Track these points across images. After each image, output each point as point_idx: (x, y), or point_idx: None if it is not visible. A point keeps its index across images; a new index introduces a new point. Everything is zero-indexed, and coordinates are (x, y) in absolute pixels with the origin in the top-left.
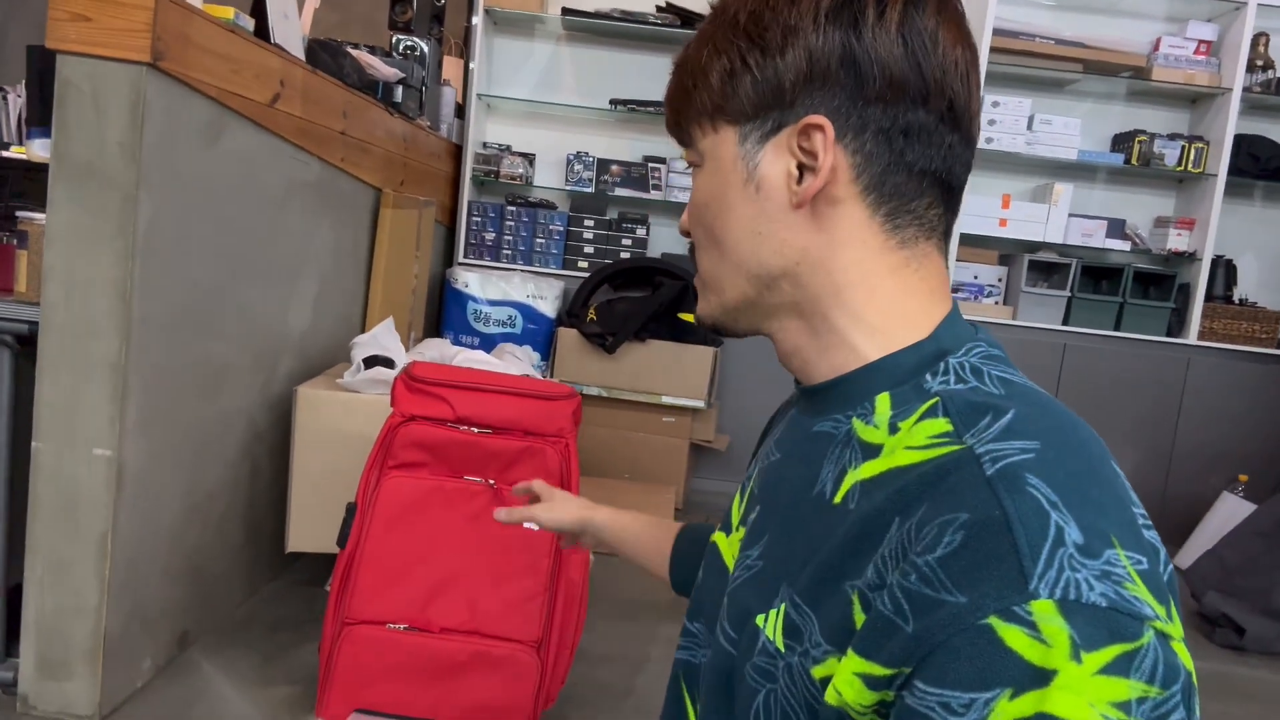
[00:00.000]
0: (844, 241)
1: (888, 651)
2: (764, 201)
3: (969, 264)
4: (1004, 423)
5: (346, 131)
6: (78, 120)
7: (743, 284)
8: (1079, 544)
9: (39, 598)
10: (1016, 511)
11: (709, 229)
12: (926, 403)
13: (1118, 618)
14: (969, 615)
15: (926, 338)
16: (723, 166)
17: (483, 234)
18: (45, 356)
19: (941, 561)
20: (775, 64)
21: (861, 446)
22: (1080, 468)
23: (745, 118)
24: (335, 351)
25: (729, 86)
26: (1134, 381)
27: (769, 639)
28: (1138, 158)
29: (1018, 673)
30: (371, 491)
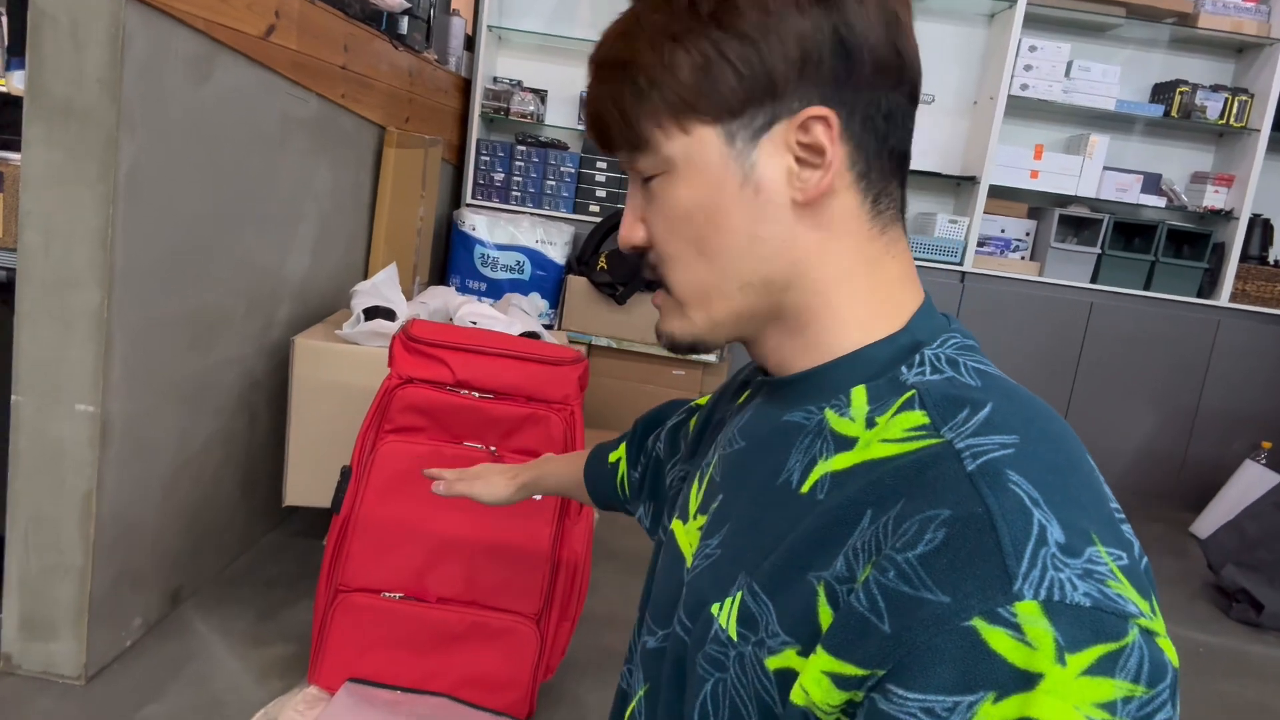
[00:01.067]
0: (839, 234)
1: (862, 651)
2: (764, 204)
3: (996, 216)
4: (982, 416)
5: (347, 65)
6: (54, 54)
7: (736, 295)
8: (1061, 543)
9: (22, 556)
10: (999, 509)
11: (696, 240)
12: (903, 395)
13: (1102, 617)
14: (953, 616)
15: (901, 329)
16: (709, 170)
17: (491, 174)
18: (23, 307)
19: (922, 559)
20: (760, 53)
21: (834, 438)
22: (1059, 463)
23: (729, 114)
24: (336, 297)
25: (704, 81)
26: (1161, 343)
27: (722, 627)
28: (1178, 109)
29: (1002, 676)
30: (367, 456)
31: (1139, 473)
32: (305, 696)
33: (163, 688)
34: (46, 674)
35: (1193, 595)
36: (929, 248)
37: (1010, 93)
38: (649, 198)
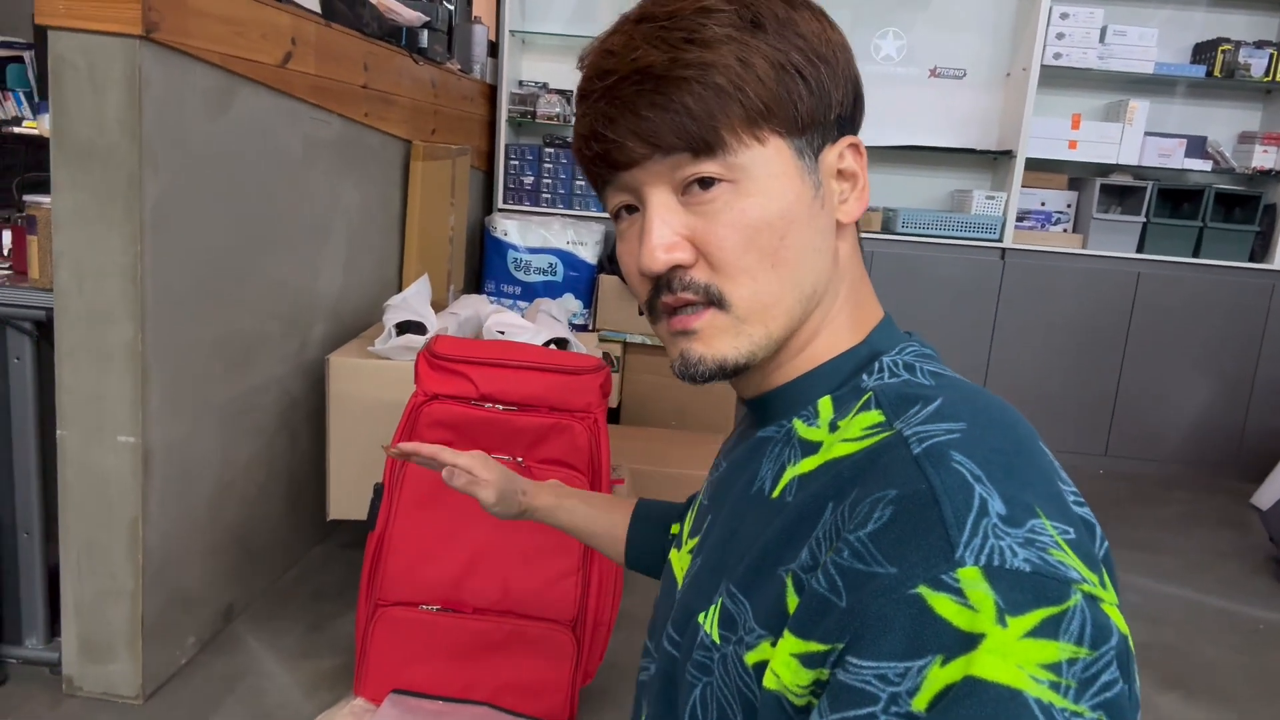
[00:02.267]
0: (850, 254)
1: (823, 628)
2: (825, 219)
3: (1035, 190)
4: (932, 408)
5: (369, 85)
6: (75, 99)
7: (795, 308)
8: (1002, 514)
9: (76, 583)
10: (942, 485)
11: (773, 251)
12: (862, 398)
13: (1042, 581)
14: (900, 585)
15: (861, 342)
16: (789, 181)
17: (521, 178)
18: (62, 344)
19: (872, 536)
20: (821, 73)
21: (801, 444)
22: (1004, 446)
23: (798, 129)
24: (371, 312)
25: (781, 89)
26: (1213, 311)
27: (706, 633)
28: (1221, 69)
29: (948, 639)
30: (398, 473)
31: (1196, 444)
32: (352, 708)
33: (218, 704)
34: (106, 695)
35: (1254, 570)
36: (966, 225)
37: (1043, 63)
38: (700, 211)
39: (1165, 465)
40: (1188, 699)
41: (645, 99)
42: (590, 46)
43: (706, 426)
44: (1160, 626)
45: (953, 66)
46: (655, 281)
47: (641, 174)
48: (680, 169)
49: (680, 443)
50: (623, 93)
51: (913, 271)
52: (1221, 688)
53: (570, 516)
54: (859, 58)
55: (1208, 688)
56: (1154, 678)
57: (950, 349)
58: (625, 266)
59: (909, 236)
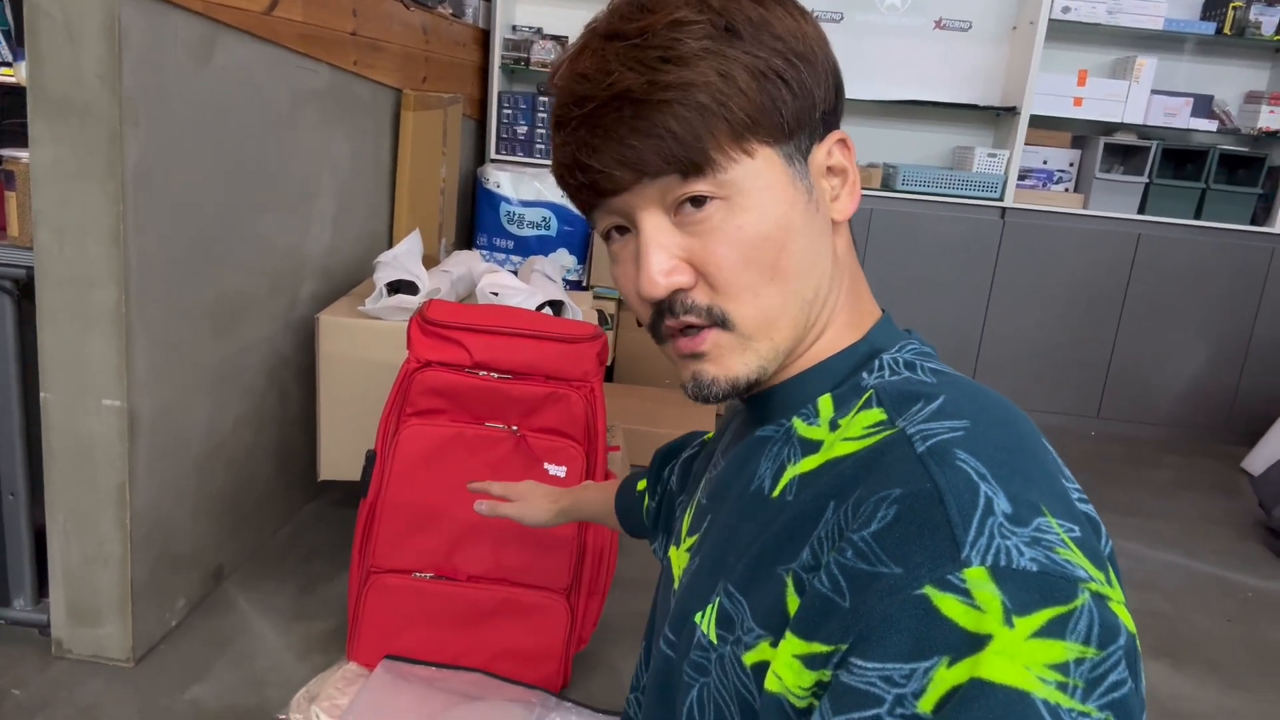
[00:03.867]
0: (845, 251)
1: (826, 629)
2: (820, 221)
3: (1038, 147)
4: (934, 406)
5: (357, 31)
6: (51, 51)
7: (799, 317)
8: (1008, 513)
9: (64, 548)
10: (947, 483)
11: (772, 264)
12: (863, 397)
13: (1050, 580)
14: (905, 586)
15: (860, 340)
16: (780, 191)
17: (514, 127)
18: (44, 306)
19: (876, 535)
20: (802, 74)
21: (801, 443)
22: (1008, 443)
23: (786, 135)
24: (361, 268)
25: (765, 99)
26: (1212, 274)
27: (704, 633)
28: (1231, 26)
29: (954, 640)
30: (390, 439)
31: (1189, 408)
32: (345, 673)
33: (208, 667)
34: (96, 657)
35: (1243, 536)
36: (967, 183)
37: (1051, 16)
38: (694, 231)
39: (1158, 428)
40: (1176, 667)
41: (627, 125)
42: (559, 68)
43: None
44: (1150, 593)
45: (958, 18)
46: (657, 305)
47: (631, 198)
48: (670, 191)
49: (673, 403)
50: (603, 120)
51: (911, 229)
52: (1210, 656)
53: (586, 506)
54: (862, 7)
55: (1196, 656)
56: (1144, 646)
57: (947, 308)
58: (623, 289)
59: (908, 194)
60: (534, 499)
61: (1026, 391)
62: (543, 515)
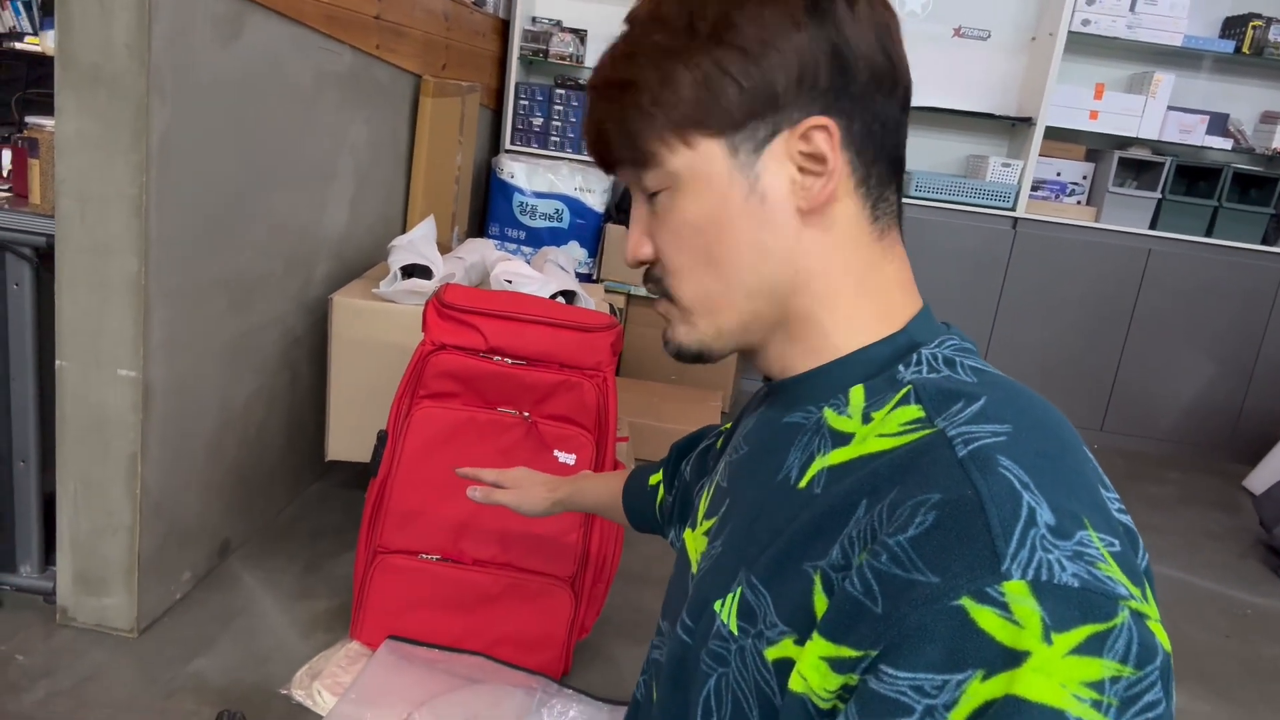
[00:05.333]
0: (841, 240)
1: (857, 633)
2: (770, 213)
3: (1052, 159)
4: (976, 408)
5: (381, 15)
6: (81, 21)
7: (743, 304)
8: (1051, 525)
9: (73, 517)
10: (989, 492)
11: (705, 251)
12: (900, 392)
13: (1091, 597)
14: (942, 596)
15: (899, 330)
16: (715, 182)
17: (530, 118)
18: (63, 275)
19: (913, 541)
20: (760, 67)
21: (832, 434)
22: (1052, 450)
23: (732, 127)
24: (375, 252)
25: (706, 97)
26: (1221, 292)
27: (724, 623)
28: (1250, 45)
29: (990, 654)
30: (402, 420)
31: (1193, 424)
32: (347, 652)
33: (212, 641)
34: (100, 627)
35: (1243, 554)
36: (980, 192)
37: (1071, 29)
38: (654, 213)
39: (1161, 444)
40: None
41: (595, 114)
42: None
43: (706, 383)
44: None
45: (978, 27)
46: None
47: (622, 175)
48: (634, 179)
49: (679, 398)
50: (593, 104)
51: (922, 236)
52: (1207, 672)
53: (584, 497)
54: None
55: (1193, 671)
56: None
57: (955, 316)
58: None
59: (921, 200)
60: (529, 487)
61: None
62: (538, 505)
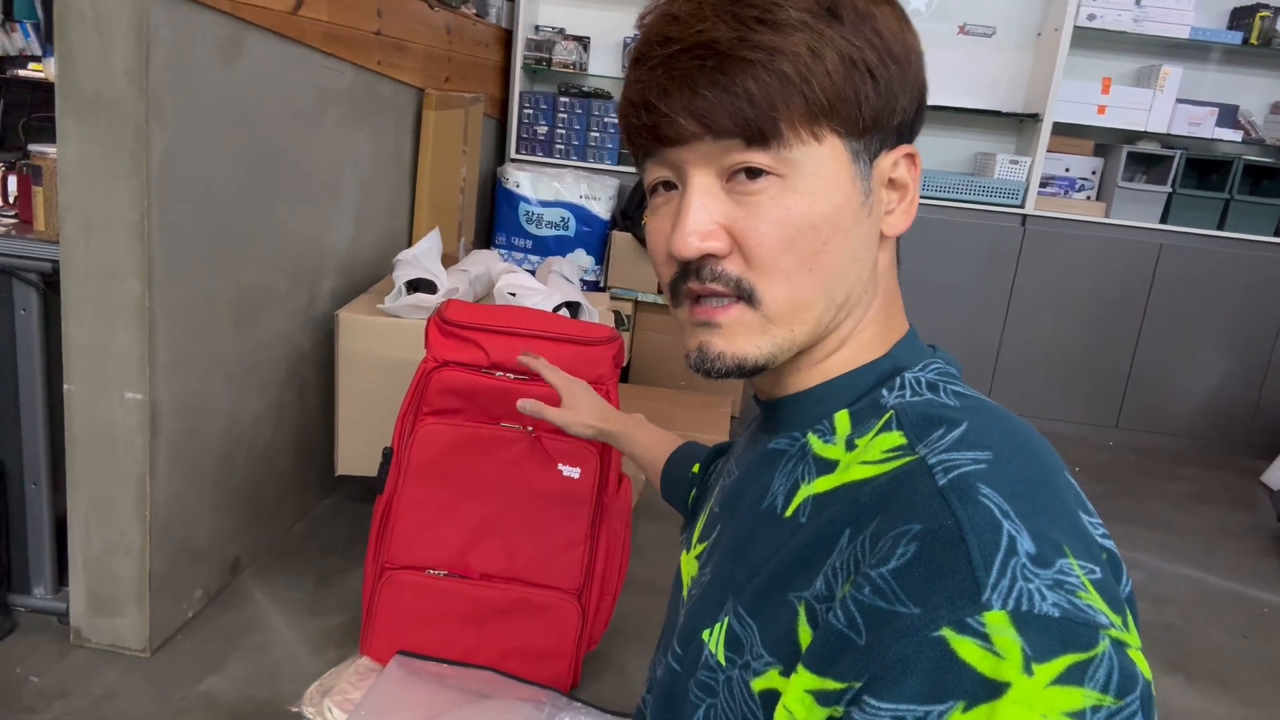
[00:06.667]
0: (889, 265)
1: (840, 666)
2: (871, 225)
3: (1060, 155)
4: (957, 434)
5: (382, 31)
6: (81, 48)
7: (823, 315)
8: (1031, 553)
9: (84, 538)
10: (969, 521)
11: (812, 254)
12: (882, 418)
13: (1071, 627)
14: (923, 627)
15: (884, 355)
16: (839, 183)
17: (534, 127)
18: (69, 299)
19: (895, 574)
20: (892, 74)
21: (816, 462)
22: (1033, 477)
23: (858, 131)
24: (380, 265)
25: (848, 87)
26: (1234, 285)
27: (711, 652)
28: (1258, 36)
29: (971, 685)
30: (407, 438)
31: (1208, 420)
32: (358, 668)
33: (224, 659)
34: (114, 647)
35: (1261, 551)
36: (988, 190)
37: (1076, 23)
38: (742, 201)
39: (1176, 440)
40: (1189, 682)
41: (705, 75)
42: (652, 6)
43: (715, 389)
44: (1164, 607)
45: (982, 24)
46: (683, 266)
47: (688, 153)
48: (729, 154)
49: (688, 404)
50: (682, 65)
51: (932, 235)
52: (1224, 672)
53: (630, 444)
54: None
55: (1210, 671)
56: (1157, 660)
57: (966, 314)
58: (653, 244)
59: (930, 199)
60: (582, 409)
61: (1044, 400)
62: (583, 430)
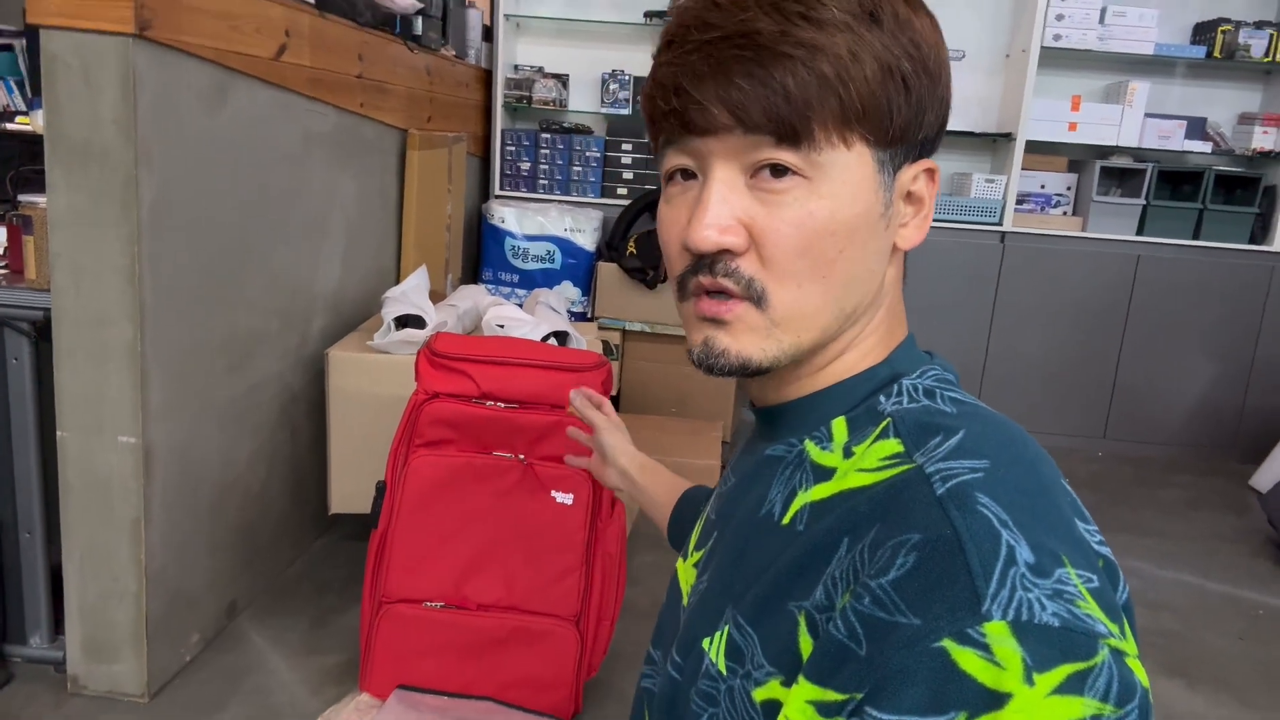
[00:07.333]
0: (895, 278)
1: (841, 676)
2: (887, 237)
3: (1035, 172)
4: (954, 442)
5: (364, 74)
6: (69, 98)
7: (830, 324)
8: (1030, 563)
9: (79, 584)
10: (968, 531)
11: (828, 261)
12: (880, 425)
13: (1071, 636)
14: (924, 638)
15: (882, 362)
16: (863, 191)
17: (518, 164)
18: (61, 345)
19: (895, 584)
20: (924, 85)
21: (814, 469)
22: (1030, 485)
23: (886, 141)
24: (369, 304)
25: (881, 93)
26: (1212, 293)
27: (712, 661)
28: (1221, 49)
29: (972, 696)
30: (400, 470)
31: (1195, 427)
32: (358, 704)
33: (223, 702)
34: (112, 693)
35: (1254, 553)
36: (966, 209)
37: (1043, 44)
38: (765, 199)
39: (1165, 448)
40: (1189, 686)
41: (743, 66)
42: None
43: (706, 414)
44: (1161, 612)
45: (952, 47)
46: (696, 259)
47: (715, 144)
48: (757, 150)
49: (679, 431)
50: (721, 52)
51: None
52: (1222, 675)
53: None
54: None
55: (1208, 675)
56: (1157, 665)
57: (951, 332)
58: (665, 233)
59: None
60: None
61: (1033, 413)
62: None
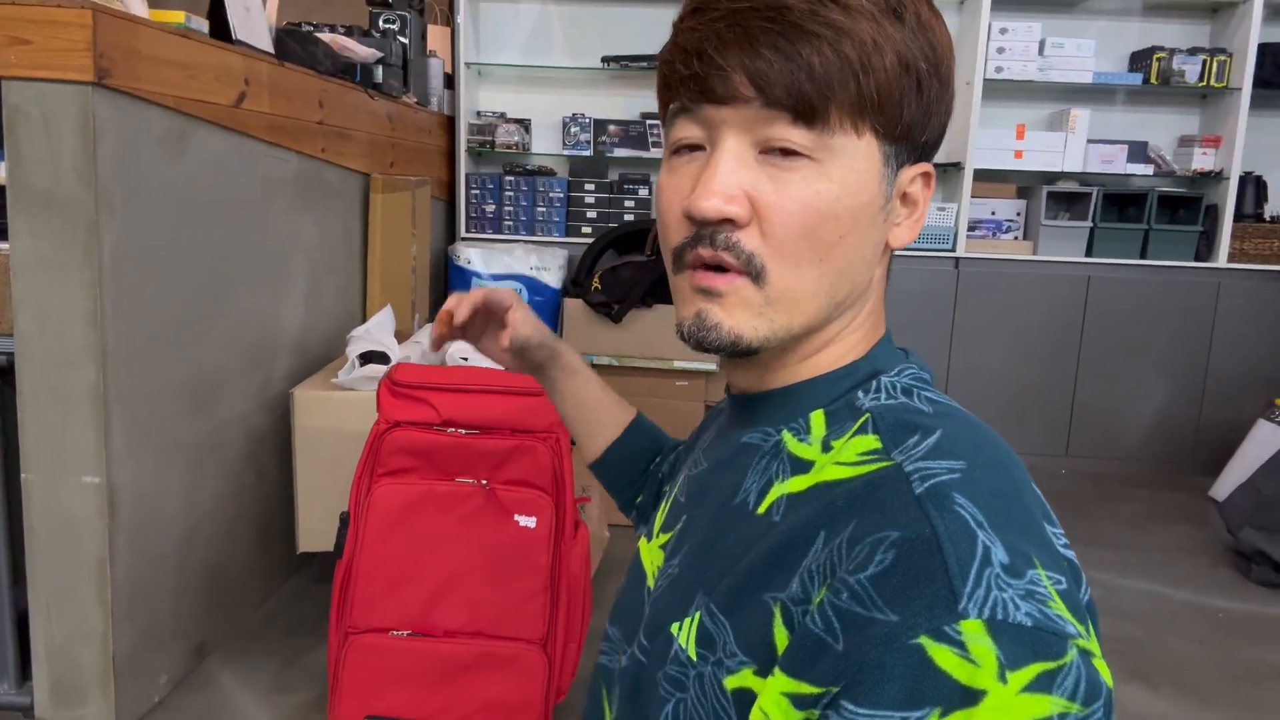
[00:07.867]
0: (881, 276)
1: (818, 670)
2: (883, 231)
3: (985, 200)
4: (931, 442)
5: (325, 121)
6: (29, 147)
7: (821, 310)
8: (1005, 564)
9: (46, 627)
10: (946, 530)
11: (827, 246)
12: (858, 420)
13: (1042, 636)
14: (901, 634)
15: (862, 358)
16: (865, 181)
17: (483, 206)
18: (24, 388)
19: (873, 580)
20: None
21: (791, 460)
22: (1004, 488)
23: (893, 137)
24: (335, 345)
25: (898, 86)
26: (1162, 310)
27: (682, 647)
28: (1157, 76)
29: (947, 692)
30: (363, 500)
31: (1154, 442)
32: None
33: None
34: None
35: (1214, 562)
36: (920, 236)
37: (986, 76)
38: (773, 175)
39: (1125, 463)
40: (1151, 689)
41: (770, 39)
42: None
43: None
44: (1123, 620)
45: None
46: (695, 230)
47: (730, 113)
48: (770, 125)
49: None
50: (749, 22)
51: None
52: (1184, 678)
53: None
54: None
55: (1171, 678)
56: (1120, 670)
57: None
58: (665, 203)
59: None
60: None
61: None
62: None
